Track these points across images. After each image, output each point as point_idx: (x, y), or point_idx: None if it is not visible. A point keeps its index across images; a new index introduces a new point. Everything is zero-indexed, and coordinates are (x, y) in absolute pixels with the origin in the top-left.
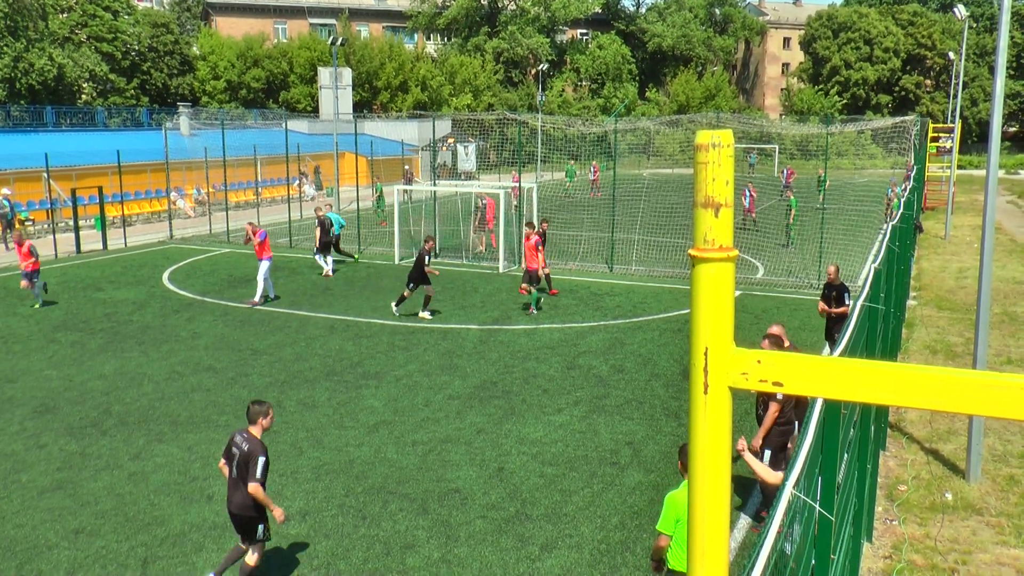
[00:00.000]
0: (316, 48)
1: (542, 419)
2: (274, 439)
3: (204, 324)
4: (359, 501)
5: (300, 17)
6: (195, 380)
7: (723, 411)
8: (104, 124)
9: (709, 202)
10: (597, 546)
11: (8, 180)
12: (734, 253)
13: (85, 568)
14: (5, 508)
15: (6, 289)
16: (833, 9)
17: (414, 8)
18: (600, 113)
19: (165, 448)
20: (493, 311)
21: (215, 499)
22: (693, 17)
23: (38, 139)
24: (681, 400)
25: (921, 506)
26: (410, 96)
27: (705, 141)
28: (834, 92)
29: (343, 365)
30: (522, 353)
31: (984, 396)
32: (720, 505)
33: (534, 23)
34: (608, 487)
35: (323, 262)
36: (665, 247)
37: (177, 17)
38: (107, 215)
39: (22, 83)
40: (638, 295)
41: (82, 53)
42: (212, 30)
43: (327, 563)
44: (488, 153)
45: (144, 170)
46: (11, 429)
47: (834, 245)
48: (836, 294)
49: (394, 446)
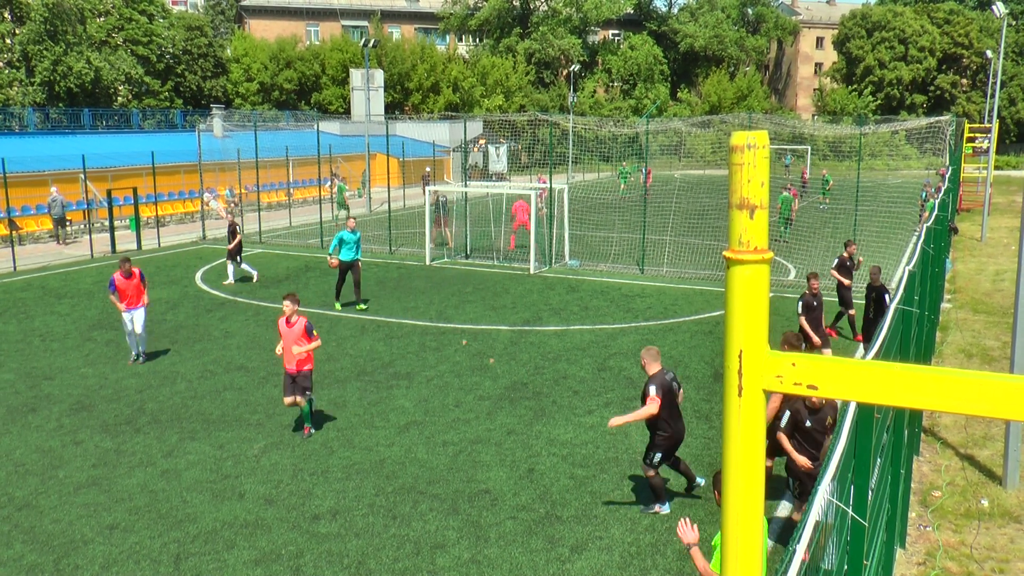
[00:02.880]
0: (348, 50)
1: (572, 420)
2: (304, 439)
3: (236, 324)
4: (389, 501)
5: (332, 19)
6: (227, 379)
7: (757, 414)
8: (139, 126)
9: (744, 204)
10: (627, 548)
11: (47, 181)
12: (769, 255)
13: (119, 563)
14: (43, 503)
15: (44, 288)
16: (867, 8)
17: (446, 10)
18: (631, 114)
19: (197, 446)
20: (524, 312)
21: (247, 497)
22: (725, 17)
23: (76, 141)
24: (712, 403)
25: (956, 513)
26: (442, 97)
27: (740, 142)
28: (868, 92)
29: (374, 365)
30: (552, 354)
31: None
32: (754, 508)
33: (566, 24)
34: (639, 490)
35: (230, 271)
36: (696, 249)
37: (211, 20)
38: (141, 215)
39: (61, 86)
40: (669, 297)
41: (118, 56)
42: (245, 33)
43: (358, 562)
44: (519, 154)
45: (178, 171)
46: (49, 426)
47: (867, 247)
48: (876, 296)
49: (424, 446)
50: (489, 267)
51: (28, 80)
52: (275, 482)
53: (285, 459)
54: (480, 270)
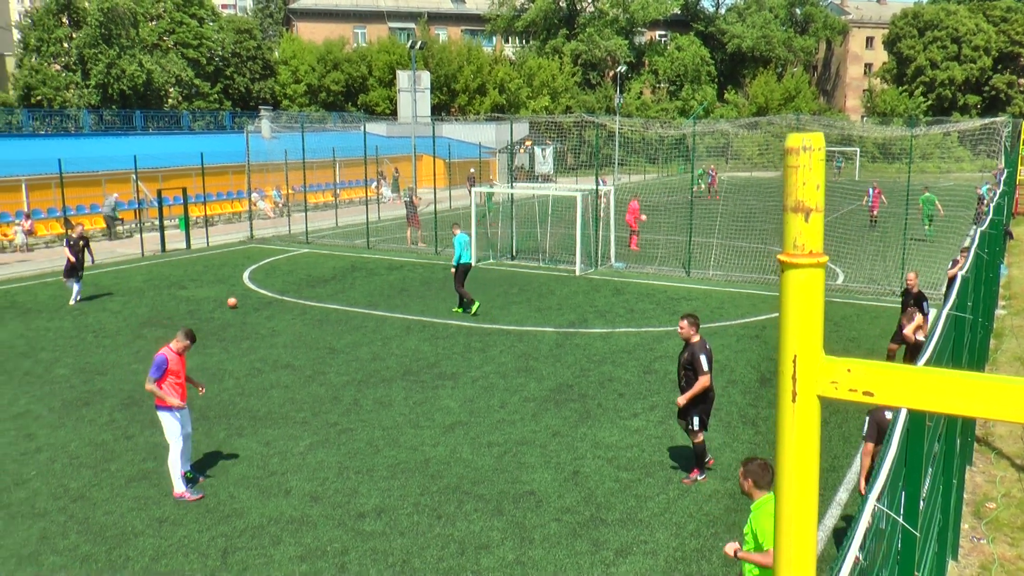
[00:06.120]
0: (395, 52)
1: (618, 423)
2: (350, 437)
3: (283, 322)
4: (434, 500)
5: (379, 21)
6: (274, 377)
7: (811, 420)
8: (189, 127)
9: (799, 207)
10: (672, 553)
11: (100, 181)
12: (824, 259)
13: (168, 556)
14: (96, 495)
15: (96, 286)
16: (919, 7)
17: (492, 11)
18: (678, 115)
19: (244, 442)
20: (569, 314)
21: (293, 494)
22: (773, 17)
23: (127, 142)
24: (759, 408)
25: (1012, 525)
26: (488, 99)
27: (796, 144)
28: (919, 93)
29: (419, 365)
30: (598, 357)
31: None
32: (808, 516)
33: (612, 25)
34: (684, 494)
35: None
36: (743, 252)
37: (260, 23)
38: (190, 215)
39: (114, 88)
40: (715, 300)
41: (169, 59)
42: (293, 35)
43: (402, 560)
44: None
45: (226, 172)
46: (101, 420)
47: (917, 251)
48: (914, 302)
49: (469, 447)
50: (535, 268)
51: (84, 83)
52: (321, 479)
53: (331, 457)
54: (526, 271)
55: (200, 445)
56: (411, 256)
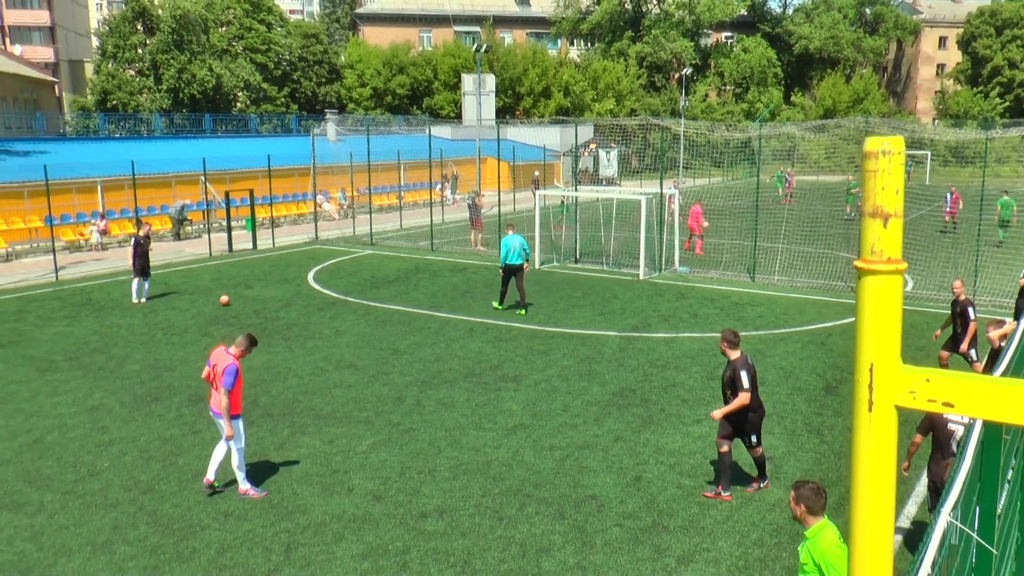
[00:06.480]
0: (460, 55)
1: (681, 429)
2: (412, 437)
3: (347, 322)
4: (496, 502)
5: (445, 25)
6: (337, 376)
7: (888, 431)
8: (256, 130)
9: (878, 212)
10: (735, 562)
11: (170, 183)
12: (903, 266)
13: (233, 549)
14: (164, 488)
15: (166, 284)
16: (997, 5)
17: (557, 14)
18: (744, 118)
19: (308, 440)
20: (632, 318)
21: (355, 492)
22: (842, 17)
23: (197, 145)
24: (824, 416)
25: None
26: (552, 101)
27: (875, 148)
28: (995, 94)
29: (482, 367)
30: (661, 362)
31: None
32: (884, 531)
33: (678, 27)
34: (747, 502)
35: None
36: (809, 257)
37: (327, 28)
38: (257, 216)
39: (185, 93)
40: (780, 306)
41: (238, 64)
42: (360, 39)
43: (463, 561)
44: (630, 159)
45: (292, 174)
46: (169, 415)
47: (991, 258)
48: (960, 311)
49: (531, 449)
50: (598, 272)
51: (156, 87)
52: (383, 478)
53: (393, 456)
54: (589, 275)
55: (264, 442)
56: (474, 258)
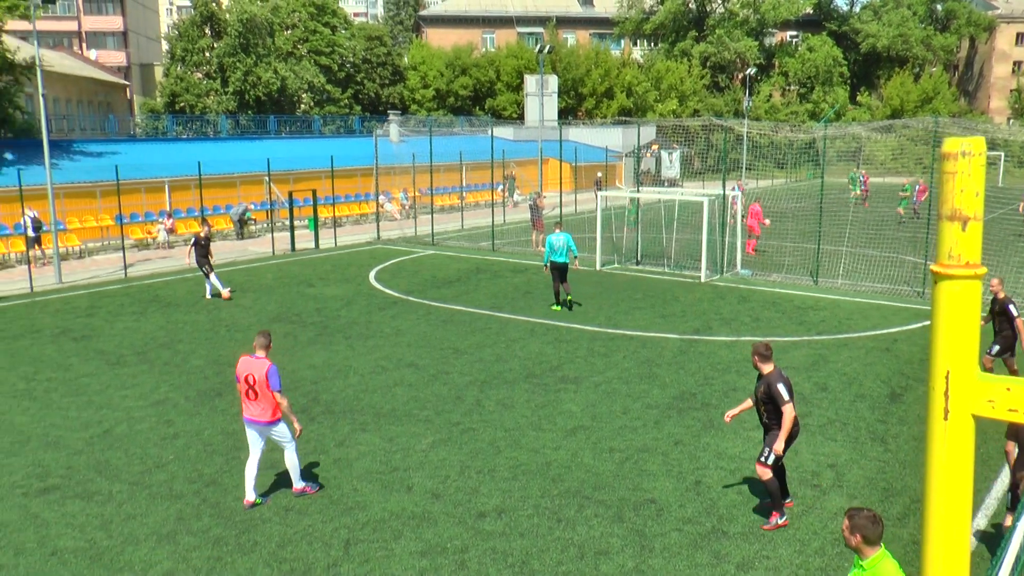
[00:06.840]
0: (523, 56)
1: (741, 434)
2: (472, 436)
3: (407, 322)
4: (554, 503)
5: (508, 27)
6: (398, 375)
7: (965, 439)
8: (320, 131)
9: (956, 215)
10: (795, 570)
11: (235, 183)
12: (982, 270)
13: (294, 543)
14: (227, 481)
15: (229, 282)
16: None
17: (621, 14)
18: (808, 119)
19: (368, 437)
20: (694, 321)
21: (414, 490)
22: (911, 14)
23: (262, 146)
24: (888, 424)
25: None
26: (615, 102)
27: (954, 149)
28: None
29: (542, 368)
30: (722, 365)
31: None
32: (959, 543)
33: (742, 26)
34: (808, 510)
35: (216, 282)
36: (874, 261)
37: (390, 30)
38: (320, 216)
39: (250, 95)
40: (844, 310)
41: (303, 66)
42: (423, 41)
43: (522, 561)
44: (692, 160)
45: (354, 175)
46: (233, 410)
47: None
48: (1000, 309)
49: (591, 451)
50: (659, 274)
51: (223, 90)
52: (442, 477)
53: (453, 455)
54: (650, 277)
55: (324, 439)
56: (535, 259)
